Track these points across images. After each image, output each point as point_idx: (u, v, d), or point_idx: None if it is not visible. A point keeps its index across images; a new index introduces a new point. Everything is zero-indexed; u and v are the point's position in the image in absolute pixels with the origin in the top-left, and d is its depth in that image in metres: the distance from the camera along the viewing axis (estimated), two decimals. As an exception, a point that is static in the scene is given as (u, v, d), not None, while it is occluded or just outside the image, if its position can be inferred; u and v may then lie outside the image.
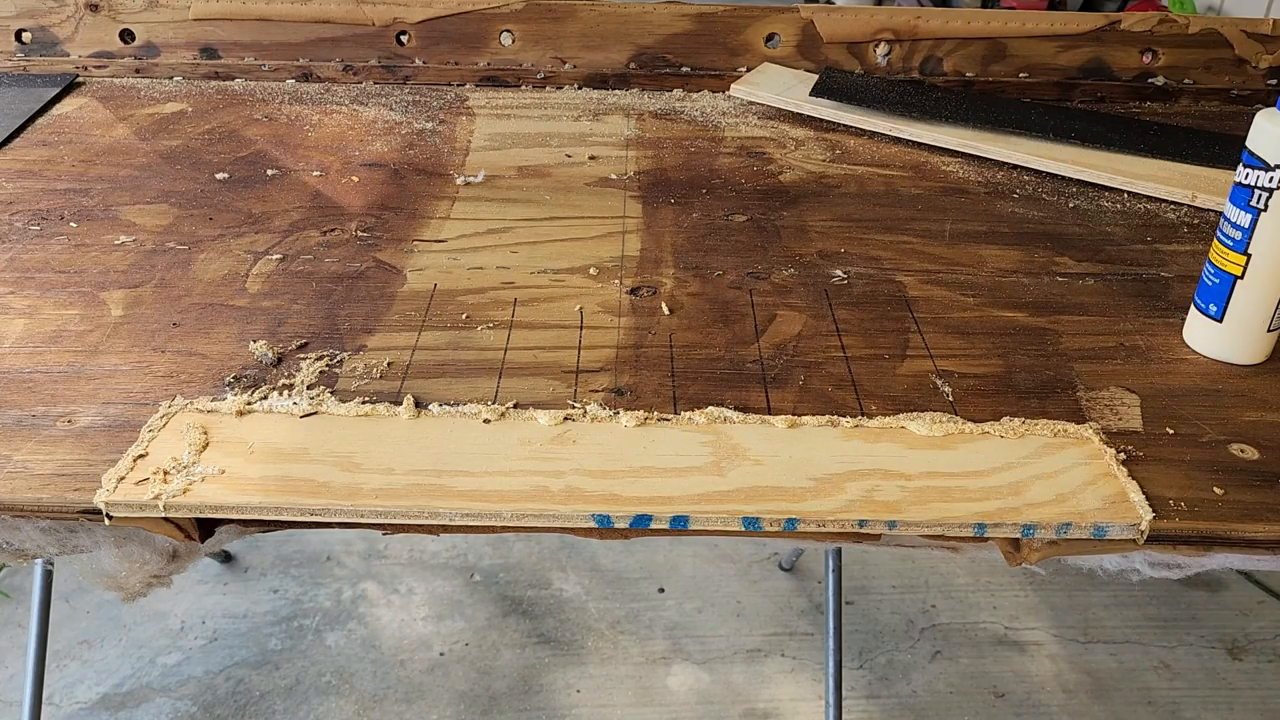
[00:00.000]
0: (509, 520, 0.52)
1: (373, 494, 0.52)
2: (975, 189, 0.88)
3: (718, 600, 1.49)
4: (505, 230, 0.79)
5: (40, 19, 1.04)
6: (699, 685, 1.37)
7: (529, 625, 1.45)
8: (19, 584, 1.49)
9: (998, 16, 1.05)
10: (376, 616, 1.45)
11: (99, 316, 0.66)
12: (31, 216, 0.79)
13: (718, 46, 1.06)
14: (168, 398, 0.59)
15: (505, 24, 1.05)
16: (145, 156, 0.89)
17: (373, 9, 1.04)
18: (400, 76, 1.06)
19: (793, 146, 0.95)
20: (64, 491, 0.52)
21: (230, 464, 0.54)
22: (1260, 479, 0.55)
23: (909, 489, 0.53)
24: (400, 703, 1.33)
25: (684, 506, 0.52)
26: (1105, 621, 1.48)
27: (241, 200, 0.82)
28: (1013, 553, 0.57)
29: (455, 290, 0.71)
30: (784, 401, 0.60)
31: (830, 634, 1.17)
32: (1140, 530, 0.52)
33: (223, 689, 1.34)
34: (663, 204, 0.84)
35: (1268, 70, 1.06)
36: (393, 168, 0.89)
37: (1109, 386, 0.62)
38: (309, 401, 0.58)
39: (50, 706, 1.30)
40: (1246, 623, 1.49)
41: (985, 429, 0.58)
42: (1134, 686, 1.38)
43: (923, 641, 1.44)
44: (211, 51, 1.05)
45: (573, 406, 0.59)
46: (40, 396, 0.58)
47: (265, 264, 0.73)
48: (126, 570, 0.65)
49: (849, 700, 1.33)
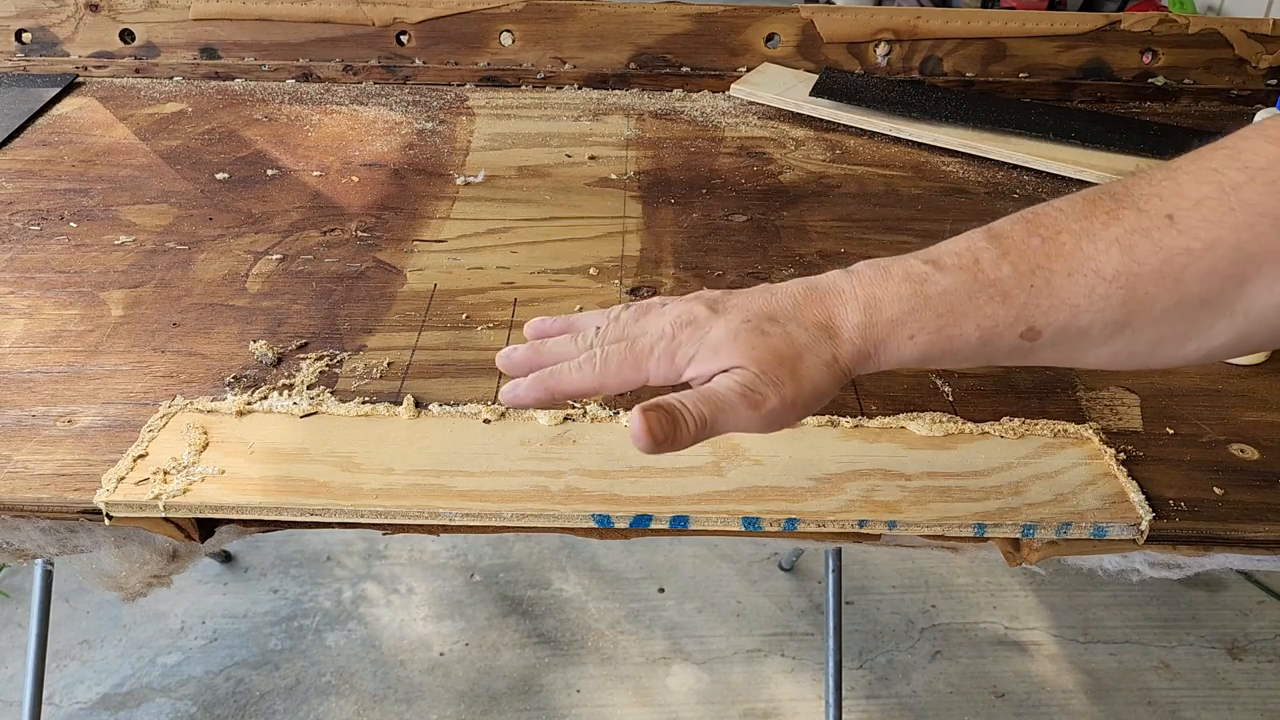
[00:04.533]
0: (509, 520, 0.52)
1: (373, 494, 0.52)
2: (975, 189, 0.88)
3: (717, 600, 1.49)
4: (505, 230, 0.79)
5: (40, 19, 1.04)
6: (699, 685, 1.37)
7: (529, 625, 1.45)
8: (19, 584, 1.49)
9: (998, 16, 1.05)
10: (376, 616, 1.45)
11: (99, 316, 0.66)
12: (31, 216, 0.79)
13: (718, 46, 1.06)
14: (168, 398, 0.59)
15: (505, 24, 1.05)
16: (145, 156, 0.89)
17: (373, 9, 1.04)
18: (400, 76, 1.06)
19: (793, 146, 0.95)
20: (64, 491, 0.52)
21: (230, 464, 0.54)
22: (1260, 479, 0.55)
23: (909, 489, 0.53)
24: (400, 703, 1.33)
25: (684, 506, 0.52)
26: (1105, 621, 1.48)
27: (241, 200, 0.82)
28: (1013, 553, 0.57)
29: (455, 290, 0.71)
30: (784, 401, 0.60)
31: (830, 634, 1.17)
32: (1140, 530, 0.52)
33: (223, 689, 1.34)
34: (663, 204, 0.84)
35: (1268, 70, 1.06)
36: (393, 168, 0.89)
37: (1109, 386, 0.62)
38: (309, 401, 0.58)
39: (50, 706, 1.30)
40: (1246, 623, 1.49)
41: (985, 429, 0.58)
42: (1134, 686, 1.38)
43: (923, 641, 1.44)
44: (211, 51, 1.05)
45: (573, 406, 0.59)
46: (40, 396, 0.58)
47: (265, 264, 0.73)
48: (126, 570, 0.65)
49: (849, 700, 1.33)
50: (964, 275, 0.41)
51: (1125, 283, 0.38)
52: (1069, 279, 0.39)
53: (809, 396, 0.42)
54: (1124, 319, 0.39)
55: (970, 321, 0.40)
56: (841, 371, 0.43)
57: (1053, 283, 0.39)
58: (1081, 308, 0.39)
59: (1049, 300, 0.39)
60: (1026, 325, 0.40)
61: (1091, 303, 0.39)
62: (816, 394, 0.42)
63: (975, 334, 0.40)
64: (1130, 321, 0.39)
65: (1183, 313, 0.38)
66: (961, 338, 0.41)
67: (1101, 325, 0.39)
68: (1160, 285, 0.38)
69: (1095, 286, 0.38)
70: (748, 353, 0.42)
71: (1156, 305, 0.38)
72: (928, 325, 0.41)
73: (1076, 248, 0.39)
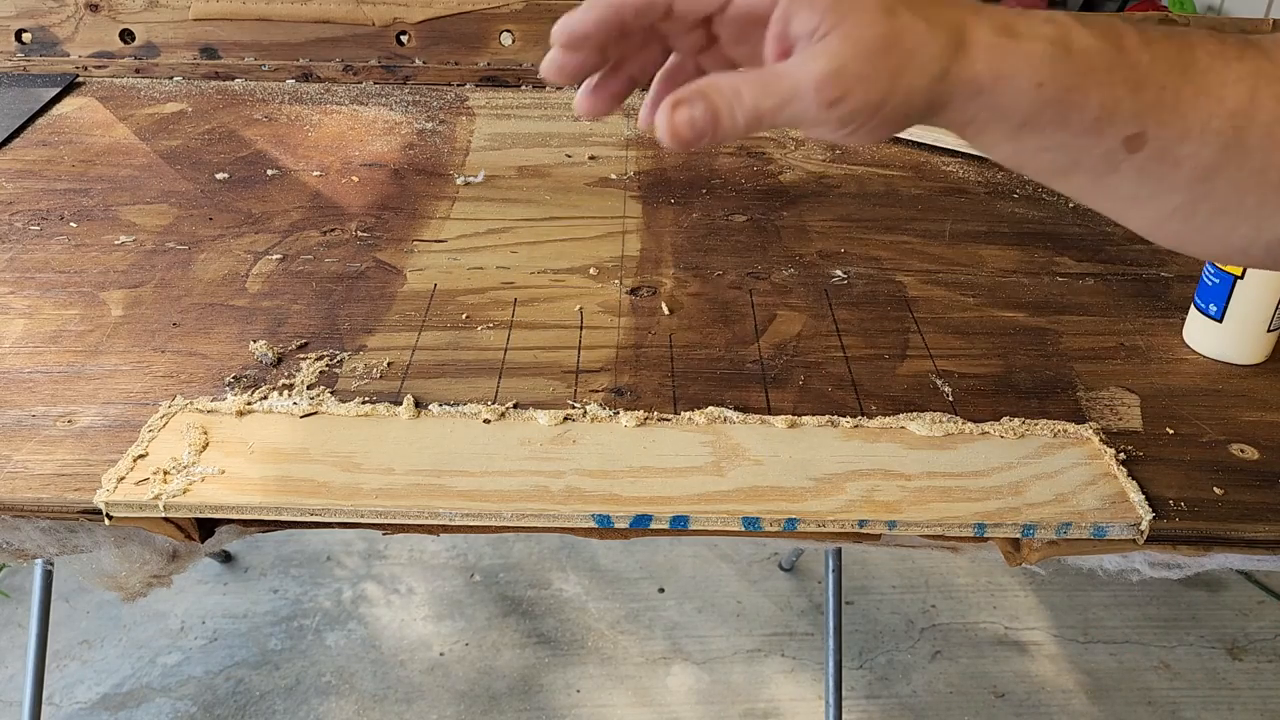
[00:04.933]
0: (509, 520, 0.52)
1: (373, 494, 0.52)
2: (975, 189, 0.88)
3: (717, 600, 1.49)
4: (505, 230, 0.79)
5: (40, 19, 1.04)
6: (699, 685, 1.37)
7: (529, 625, 1.45)
8: (19, 584, 1.49)
9: (998, 16, 1.05)
10: (376, 616, 1.45)
11: (99, 316, 0.66)
12: (31, 216, 0.79)
13: (718, 46, 1.06)
14: (168, 398, 0.59)
15: (505, 24, 1.05)
16: (145, 156, 0.89)
17: (373, 9, 1.04)
18: (400, 76, 1.06)
19: (793, 146, 0.95)
20: (64, 491, 0.52)
21: (230, 464, 0.54)
22: (1260, 479, 0.55)
23: (909, 489, 0.53)
24: (400, 703, 1.33)
25: (684, 506, 0.52)
26: (1105, 621, 1.48)
27: (241, 200, 0.82)
28: (1013, 553, 0.57)
29: (455, 290, 0.71)
30: (784, 401, 0.60)
31: (830, 634, 1.17)
32: (1140, 530, 0.52)
33: (223, 689, 1.34)
34: (663, 204, 0.84)
35: (1268, 70, 1.06)
36: (393, 168, 0.89)
37: (1109, 386, 0.62)
38: (309, 401, 0.58)
39: (50, 706, 1.30)
40: (1246, 623, 1.49)
41: (985, 429, 0.58)
42: (1134, 686, 1.38)
43: (923, 641, 1.44)
44: (211, 51, 1.05)
45: (573, 406, 0.59)
46: (40, 396, 0.58)
47: (265, 264, 0.73)
48: (126, 570, 0.65)
49: (849, 700, 1.33)
50: (1108, 44, 0.36)
51: (1238, 123, 0.36)
52: (1196, 97, 0.36)
53: (898, 109, 0.36)
54: (1216, 164, 0.36)
55: (1096, 96, 0.36)
56: (946, 94, 0.36)
57: (1181, 93, 0.36)
58: (1192, 132, 0.36)
59: (1172, 111, 0.36)
60: (1140, 127, 0.36)
61: (1204, 131, 0.36)
62: (908, 110, 0.36)
63: (1095, 111, 0.36)
64: (1218, 171, 0.36)
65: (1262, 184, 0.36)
66: (1081, 107, 0.36)
67: (1194, 164, 0.37)
68: (1263, 142, 0.36)
69: (1214, 115, 0.36)
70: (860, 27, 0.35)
71: (1248, 163, 0.36)
72: (1060, 77, 0.36)
73: (1210, 68, 0.36)
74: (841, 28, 0.34)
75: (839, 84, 0.34)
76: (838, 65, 0.34)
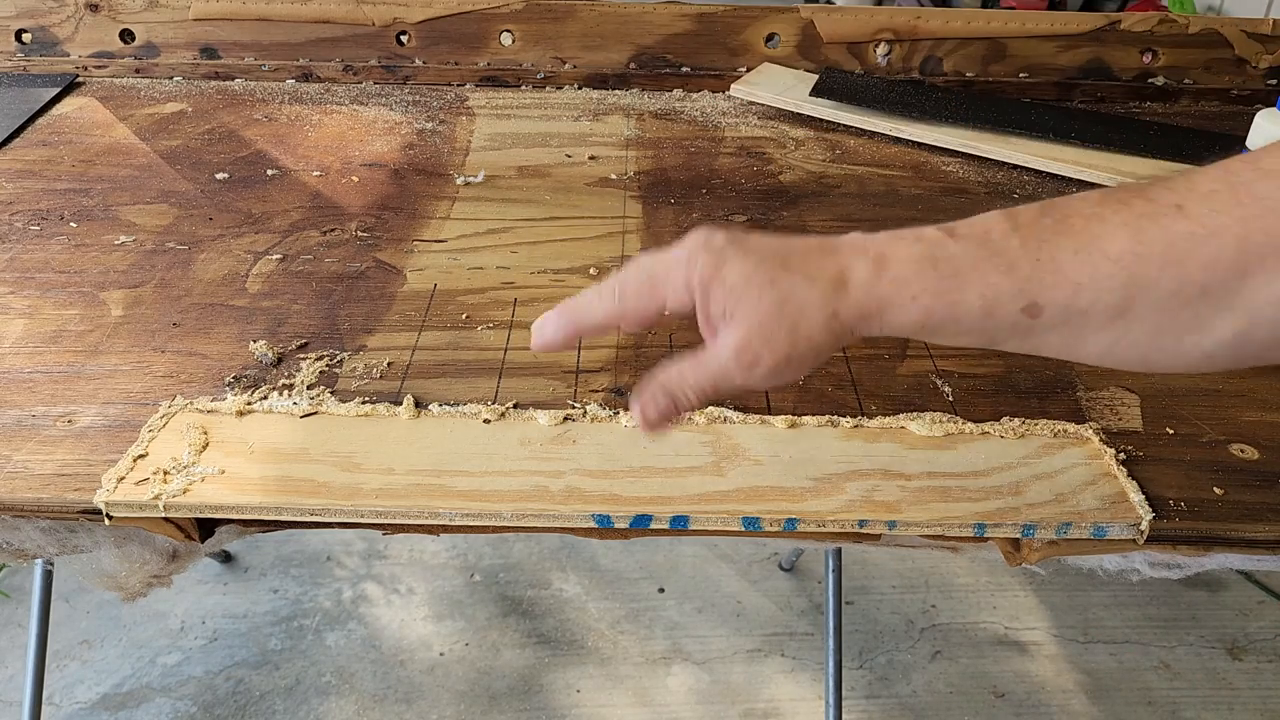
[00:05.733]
0: (509, 520, 0.52)
1: (373, 494, 0.52)
2: (975, 189, 0.88)
3: (718, 600, 1.49)
4: (505, 230, 0.79)
5: (40, 19, 1.04)
6: (699, 685, 1.37)
7: (529, 625, 1.45)
8: (19, 584, 1.49)
9: (998, 16, 1.05)
10: (376, 616, 1.45)
11: (99, 316, 0.66)
12: (31, 216, 0.79)
13: (718, 46, 1.06)
14: (168, 398, 0.59)
15: (505, 24, 1.05)
16: (145, 156, 0.89)
17: (373, 9, 1.04)
18: (400, 76, 1.06)
19: (793, 146, 0.95)
20: (64, 491, 0.52)
21: (230, 464, 0.54)
22: (1260, 479, 0.55)
23: (909, 489, 0.53)
24: (400, 703, 1.33)
25: (684, 506, 0.52)
26: (1105, 621, 1.48)
27: (241, 200, 0.82)
28: (1012, 553, 0.57)
29: (455, 290, 0.71)
30: (784, 401, 0.60)
31: (830, 634, 1.17)
32: (1140, 530, 0.52)
33: (223, 689, 1.34)
34: (663, 204, 0.84)
35: (1268, 70, 1.06)
36: (393, 168, 0.89)
37: (1109, 386, 0.62)
38: (309, 401, 0.58)
39: (50, 706, 1.30)
40: (1246, 623, 1.49)
41: (985, 429, 0.58)
42: (1134, 686, 1.38)
43: (923, 641, 1.44)
44: (211, 51, 1.06)
45: (573, 406, 0.59)
46: (40, 396, 0.58)
47: (265, 264, 0.73)
48: (126, 570, 0.65)
49: (849, 700, 1.33)
50: (973, 244, 0.41)
51: (1129, 263, 0.38)
52: (1075, 256, 0.39)
53: (806, 353, 0.43)
54: (1125, 302, 0.39)
55: (974, 290, 0.40)
56: (843, 328, 0.42)
57: (1058, 259, 0.39)
58: (1084, 285, 0.39)
59: (1054, 276, 0.39)
60: (1029, 300, 0.40)
61: (1095, 281, 0.39)
62: (814, 352, 0.43)
63: (978, 303, 0.40)
64: (1131, 306, 0.39)
65: (1183, 301, 0.38)
66: (964, 304, 0.41)
67: (1103, 308, 0.39)
68: (1163, 269, 0.38)
69: (1100, 265, 0.39)
70: (753, 304, 0.42)
71: (1157, 289, 0.38)
72: (931, 287, 0.41)
73: (1085, 228, 0.39)
74: (741, 306, 0.42)
75: (749, 351, 0.42)
76: (743, 337, 0.42)
